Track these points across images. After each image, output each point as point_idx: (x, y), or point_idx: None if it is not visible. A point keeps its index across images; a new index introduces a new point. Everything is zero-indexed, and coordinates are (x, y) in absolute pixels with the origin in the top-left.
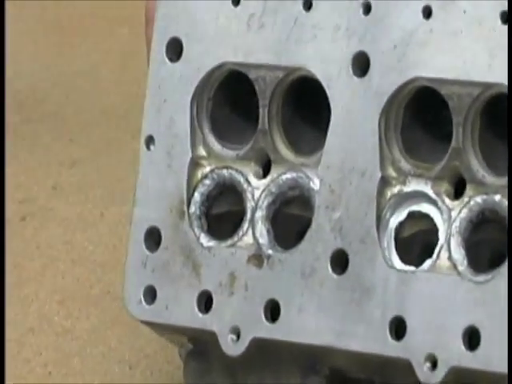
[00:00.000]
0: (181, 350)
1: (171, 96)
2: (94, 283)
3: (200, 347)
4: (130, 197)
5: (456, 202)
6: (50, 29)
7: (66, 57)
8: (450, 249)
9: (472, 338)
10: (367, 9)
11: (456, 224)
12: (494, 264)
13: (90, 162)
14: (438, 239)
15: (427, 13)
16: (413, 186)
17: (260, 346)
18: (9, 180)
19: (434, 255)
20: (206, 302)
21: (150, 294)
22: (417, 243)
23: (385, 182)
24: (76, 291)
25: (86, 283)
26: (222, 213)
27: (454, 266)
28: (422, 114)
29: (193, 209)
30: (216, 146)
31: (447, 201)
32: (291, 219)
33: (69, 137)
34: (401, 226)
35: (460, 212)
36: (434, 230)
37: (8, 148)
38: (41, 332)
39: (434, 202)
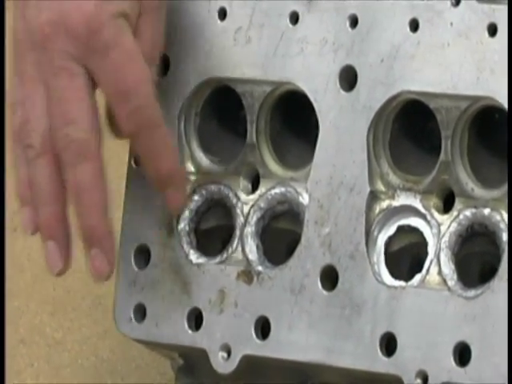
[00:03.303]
0: (173, 362)
1: None
2: (86, 294)
3: (191, 363)
4: (119, 208)
5: (445, 216)
6: None
7: None
8: (440, 263)
9: (463, 354)
10: (354, 22)
11: (445, 238)
12: (483, 278)
13: None
14: (427, 253)
15: (414, 26)
16: (402, 200)
17: (251, 363)
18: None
19: (424, 270)
20: (196, 319)
21: (140, 312)
22: (406, 257)
23: (374, 197)
24: (67, 302)
25: (78, 294)
26: (211, 228)
27: (444, 281)
28: (410, 127)
29: (182, 225)
30: (204, 161)
31: (436, 215)
32: (281, 234)
33: None
34: (390, 240)
35: (449, 226)
36: (423, 244)
37: None
38: (32, 343)
39: (423, 216)
